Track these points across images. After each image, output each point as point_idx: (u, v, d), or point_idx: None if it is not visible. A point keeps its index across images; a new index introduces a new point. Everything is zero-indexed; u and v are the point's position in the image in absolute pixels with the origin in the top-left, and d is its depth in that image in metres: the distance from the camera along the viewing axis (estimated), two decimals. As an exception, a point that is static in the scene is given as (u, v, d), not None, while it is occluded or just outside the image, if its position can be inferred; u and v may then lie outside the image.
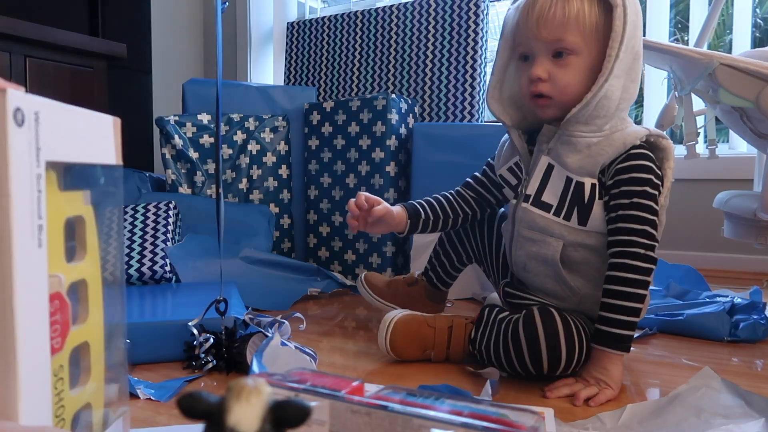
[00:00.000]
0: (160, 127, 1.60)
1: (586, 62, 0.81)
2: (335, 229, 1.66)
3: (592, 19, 0.80)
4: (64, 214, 0.43)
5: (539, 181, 0.86)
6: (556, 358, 0.77)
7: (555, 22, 0.80)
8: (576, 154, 0.82)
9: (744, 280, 1.62)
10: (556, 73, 0.82)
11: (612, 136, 0.82)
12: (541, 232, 0.85)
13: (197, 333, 0.89)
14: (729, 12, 1.86)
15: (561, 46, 0.81)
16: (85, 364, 0.47)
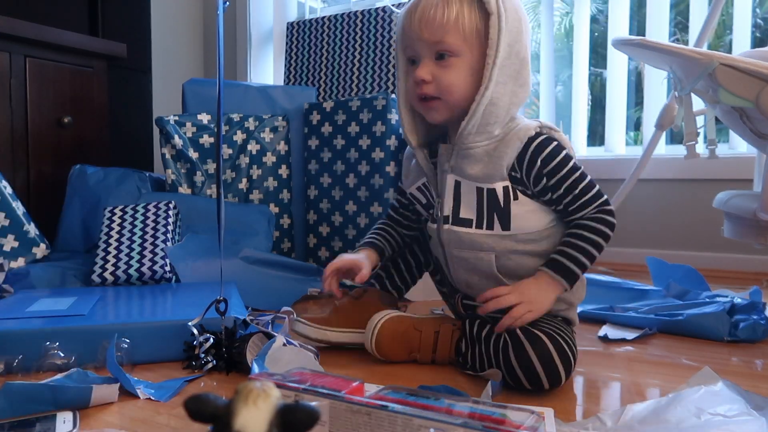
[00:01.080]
0: (160, 127, 1.60)
1: (467, 63, 0.83)
2: (335, 229, 1.66)
3: (472, 23, 0.82)
4: None
5: (452, 199, 0.88)
6: (556, 376, 0.78)
7: (435, 24, 0.82)
8: (477, 164, 0.84)
9: (744, 280, 1.62)
10: (439, 74, 0.84)
11: (506, 138, 0.84)
12: (471, 249, 0.87)
13: (197, 333, 0.88)
14: (729, 12, 1.86)
15: (442, 48, 0.83)
16: None
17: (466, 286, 0.92)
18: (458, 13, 0.82)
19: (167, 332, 0.91)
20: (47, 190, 1.65)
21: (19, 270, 1.30)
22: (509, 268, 0.86)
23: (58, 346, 0.86)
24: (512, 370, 0.78)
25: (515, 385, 0.79)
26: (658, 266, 1.38)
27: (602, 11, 2.14)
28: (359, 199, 1.61)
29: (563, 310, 0.88)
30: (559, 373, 0.77)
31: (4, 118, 1.56)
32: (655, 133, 1.64)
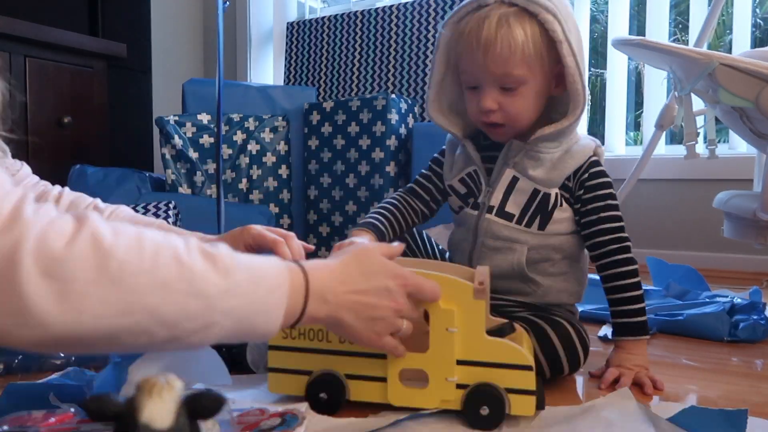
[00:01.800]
0: (160, 127, 1.60)
1: (533, 89, 0.84)
2: (335, 229, 1.66)
3: (536, 49, 0.81)
4: None
5: (503, 192, 0.89)
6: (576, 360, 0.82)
7: (501, 58, 0.81)
8: (541, 167, 0.87)
9: (744, 280, 1.62)
10: (505, 103, 0.84)
11: (571, 149, 0.87)
12: (506, 241, 0.89)
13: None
14: (729, 12, 1.86)
15: (508, 81, 0.83)
16: None
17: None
18: (523, 42, 0.80)
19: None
20: (47, 190, 1.65)
21: (19, 270, 1.30)
22: (534, 259, 0.89)
23: (58, 346, 0.86)
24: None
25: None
26: (658, 266, 1.38)
27: (602, 11, 2.14)
28: (359, 199, 1.61)
29: (570, 305, 0.92)
30: (579, 357, 0.82)
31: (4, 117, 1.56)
32: (655, 133, 1.64)
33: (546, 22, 0.80)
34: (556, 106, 0.89)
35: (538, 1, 0.80)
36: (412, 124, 1.65)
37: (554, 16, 0.80)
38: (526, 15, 0.81)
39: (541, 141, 0.86)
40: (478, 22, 0.81)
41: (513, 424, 0.67)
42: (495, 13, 0.81)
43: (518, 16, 0.81)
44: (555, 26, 0.80)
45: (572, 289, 0.90)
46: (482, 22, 0.81)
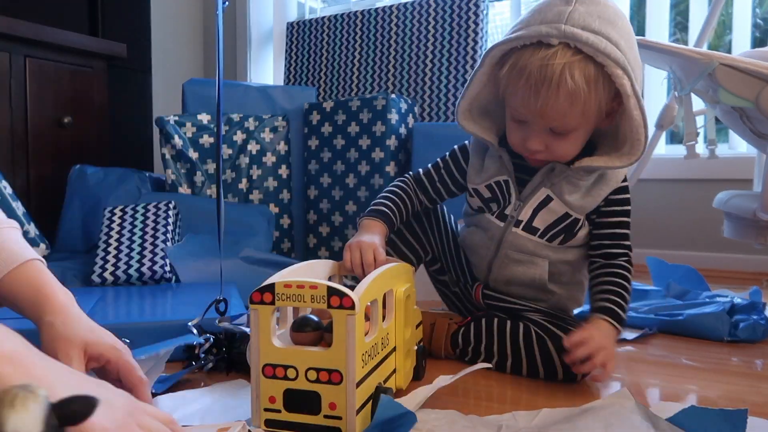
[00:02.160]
0: (160, 127, 1.60)
1: (584, 132, 0.82)
2: (335, 229, 1.66)
3: (597, 101, 0.78)
4: None
5: (533, 208, 0.88)
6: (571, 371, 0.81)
7: (555, 107, 0.77)
8: (577, 193, 0.86)
9: (744, 280, 1.62)
10: (553, 145, 0.82)
11: (606, 174, 0.87)
12: (529, 254, 0.89)
13: (197, 333, 0.88)
14: (729, 12, 1.86)
15: (560, 129, 0.80)
16: None
17: (505, 283, 0.93)
18: (585, 97, 0.76)
19: (167, 332, 0.91)
20: (47, 190, 1.65)
21: (19, 270, 1.30)
22: (552, 272, 0.90)
23: (58, 346, 0.85)
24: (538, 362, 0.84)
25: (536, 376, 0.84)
26: (658, 266, 1.38)
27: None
28: (359, 199, 1.61)
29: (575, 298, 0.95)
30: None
31: (4, 118, 1.56)
32: (655, 133, 1.64)
33: (614, 76, 0.75)
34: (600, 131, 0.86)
35: (607, 52, 0.74)
36: (412, 124, 1.65)
37: (624, 70, 0.75)
38: (591, 63, 0.75)
39: (585, 170, 0.85)
40: (540, 67, 0.75)
41: (513, 424, 0.67)
42: (560, 62, 0.74)
43: (583, 67, 0.75)
44: (624, 81, 0.75)
45: (578, 297, 0.94)
46: (545, 69, 0.75)
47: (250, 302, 0.63)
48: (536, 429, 0.66)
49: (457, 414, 0.70)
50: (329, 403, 0.61)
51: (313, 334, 0.66)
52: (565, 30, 0.74)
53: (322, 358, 0.61)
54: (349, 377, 0.60)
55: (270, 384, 0.63)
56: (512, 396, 0.78)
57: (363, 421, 0.63)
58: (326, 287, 0.61)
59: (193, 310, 0.95)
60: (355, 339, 0.60)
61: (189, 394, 0.77)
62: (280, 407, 0.63)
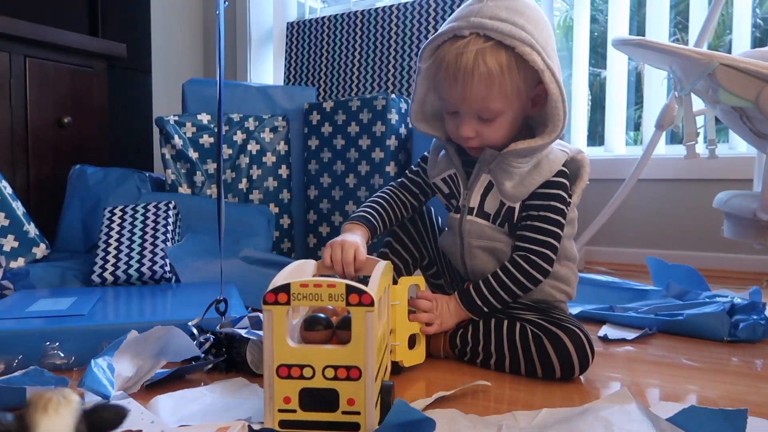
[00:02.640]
0: (160, 127, 1.60)
1: (509, 116, 0.86)
2: (335, 229, 1.66)
3: (514, 82, 0.83)
4: None
5: (480, 194, 0.92)
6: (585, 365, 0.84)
7: (478, 94, 0.82)
8: (511, 180, 0.89)
9: (744, 280, 1.62)
10: (483, 131, 0.87)
11: (541, 163, 0.89)
12: (490, 239, 0.93)
13: (197, 333, 0.89)
14: (729, 12, 1.86)
15: (486, 114, 0.85)
16: None
17: (481, 274, 0.94)
18: (500, 79, 0.81)
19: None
20: (47, 190, 1.65)
21: (19, 270, 1.30)
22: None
23: (58, 346, 0.86)
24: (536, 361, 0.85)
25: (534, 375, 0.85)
26: (658, 266, 1.38)
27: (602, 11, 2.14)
28: (359, 199, 1.61)
29: (562, 302, 0.96)
30: (588, 360, 0.83)
31: (4, 118, 1.56)
32: (655, 133, 1.64)
33: (524, 54, 0.80)
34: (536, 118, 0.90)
35: (513, 34, 0.80)
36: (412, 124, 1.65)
37: (532, 47, 0.80)
38: (503, 48, 0.81)
39: (513, 156, 0.88)
40: (456, 57, 0.82)
41: (513, 424, 0.67)
42: (472, 48, 0.81)
43: (494, 51, 0.81)
44: (534, 57, 0.80)
45: (560, 288, 0.94)
46: (459, 57, 0.81)
47: (264, 303, 0.63)
48: (536, 429, 0.66)
49: (457, 413, 0.70)
50: (347, 399, 0.62)
51: (325, 332, 0.67)
52: (474, 21, 0.81)
53: (341, 355, 0.62)
54: (368, 372, 0.62)
55: (285, 384, 0.63)
56: (512, 396, 0.78)
57: (378, 416, 0.64)
58: (345, 285, 0.62)
59: (193, 310, 0.95)
60: (373, 335, 0.62)
61: (189, 394, 0.77)
62: (296, 407, 0.63)
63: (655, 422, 0.64)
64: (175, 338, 0.80)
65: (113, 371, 0.74)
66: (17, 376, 0.76)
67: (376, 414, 0.63)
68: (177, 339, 0.80)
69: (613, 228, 1.88)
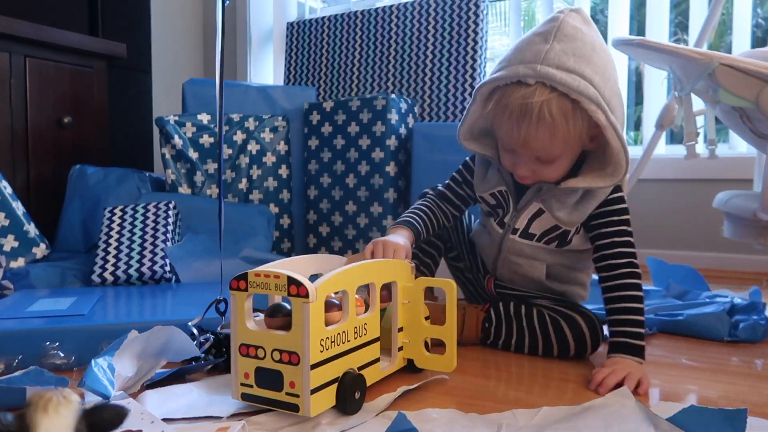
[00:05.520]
0: (160, 127, 1.60)
1: (568, 158, 0.87)
2: (335, 229, 1.66)
3: (576, 132, 0.83)
4: None
5: (528, 219, 0.94)
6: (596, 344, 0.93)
7: (536, 141, 0.83)
8: (565, 209, 0.91)
9: (744, 280, 1.62)
10: (540, 171, 0.88)
11: (593, 191, 0.90)
12: (527, 258, 0.97)
13: (197, 333, 0.88)
14: (729, 12, 1.86)
15: (545, 157, 0.85)
16: None
17: (509, 281, 1.02)
18: (564, 132, 0.81)
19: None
20: (47, 190, 1.65)
21: (19, 270, 1.30)
22: (552, 272, 0.98)
23: (58, 346, 0.86)
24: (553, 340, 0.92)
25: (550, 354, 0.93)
26: (658, 266, 1.38)
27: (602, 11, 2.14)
28: (359, 199, 1.61)
29: (578, 294, 1.01)
30: (599, 340, 0.92)
31: (4, 118, 1.56)
32: (655, 133, 1.64)
33: (590, 111, 0.79)
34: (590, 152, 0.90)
35: (580, 90, 0.79)
36: (412, 124, 1.65)
37: (598, 105, 0.79)
38: (568, 99, 0.80)
39: (571, 191, 0.90)
40: (521, 105, 0.81)
41: (513, 423, 0.67)
42: (538, 99, 0.79)
43: (560, 103, 0.80)
44: (599, 115, 0.79)
45: (581, 293, 1.01)
46: (524, 107, 0.80)
47: (230, 288, 0.72)
48: (536, 428, 0.66)
49: (457, 413, 0.70)
50: (289, 381, 0.67)
51: (282, 319, 0.71)
52: (540, 70, 0.79)
53: (284, 340, 0.67)
54: (304, 359, 0.65)
55: (244, 362, 0.69)
56: (512, 395, 0.78)
57: (321, 401, 0.67)
58: (287, 277, 0.66)
59: (193, 310, 0.95)
60: (311, 325, 0.65)
61: (176, 389, 0.77)
62: (252, 383, 0.69)
63: (655, 422, 0.64)
64: (175, 338, 0.80)
65: (113, 371, 0.74)
66: (17, 376, 0.76)
67: (317, 399, 0.66)
68: (177, 339, 0.80)
69: (613, 228, 1.88)
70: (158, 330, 0.79)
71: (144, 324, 0.91)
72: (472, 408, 0.72)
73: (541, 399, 0.77)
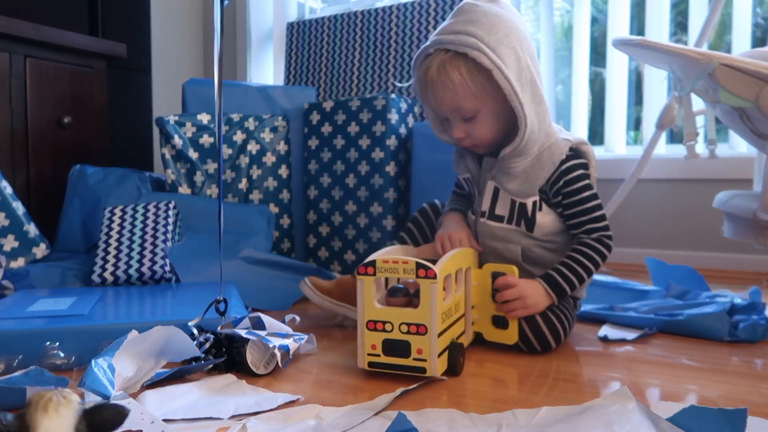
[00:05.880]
0: (160, 127, 1.60)
1: (489, 112, 0.95)
2: (335, 229, 1.66)
3: (476, 83, 0.91)
4: None
5: (490, 199, 1.01)
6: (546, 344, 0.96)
7: (447, 98, 0.93)
8: (514, 180, 0.97)
9: (744, 280, 1.62)
10: (470, 130, 0.96)
11: (541, 157, 0.96)
12: (502, 240, 1.01)
13: (197, 333, 0.89)
14: (729, 12, 1.86)
15: (462, 114, 0.95)
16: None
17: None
18: (460, 81, 0.91)
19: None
20: (47, 190, 1.65)
21: (19, 270, 1.30)
22: (531, 258, 1.01)
23: (58, 346, 0.86)
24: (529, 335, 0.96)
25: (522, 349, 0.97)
26: (658, 266, 1.38)
27: (602, 11, 2.14)
28: (359, 199, 1.61)
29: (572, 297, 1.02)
30: (548, 342, 0.95)
31: (4, 118, 1.56)
32: (655, 133, 1.64)
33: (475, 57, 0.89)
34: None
35: (463, 42, 0.89)
36: (412, 124, 1.65)
37: (479, 50, 0.89)
38: (460, 57, 0.90)
39: (509, 158, 0.96)
40: (424, 71, 0.94)
41: (513, 422, 0.67)
42: (435, 61, 0.92)
43: (453, 60, 0.91)
44: (482, 59, 0.89)
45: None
46: (426, 71, 0.93)
47: (357, 274, 0.83)
48: (536, 427, 0.66)
49: (457, 413, 0.70)
50: (417, 349, 0.81)
51: (403, 298, 0.85)
52: (435, 39, 0.93)
53: (412, 315, 0.81)
54: (432, 330, 0.80)
55: (371, 335, 0.83)
56: (512, 395, 0.78)
57: (442, 364, 0.83)
58: (415, 262, 0.81)
59: (193, 310, 0.95)
60: (436, 301, 0.80)
61: (176, 389, 0.77)
62: (380, 353, 0.83)
63: (655, 422, 0.64)
64: (175, 338, 0.80)
65: (113, 371, 0.74)
66: (17, 376, 0.76)
67: (439, 363, 0.81)
68: (177, 339, 0.80)
69: (613, 228, 1.88)
70: (158, 330, 0.79)
71: (144, 324, 0.91)
72: (472, 408, 0.72)
73: (541, 399, 0.77)
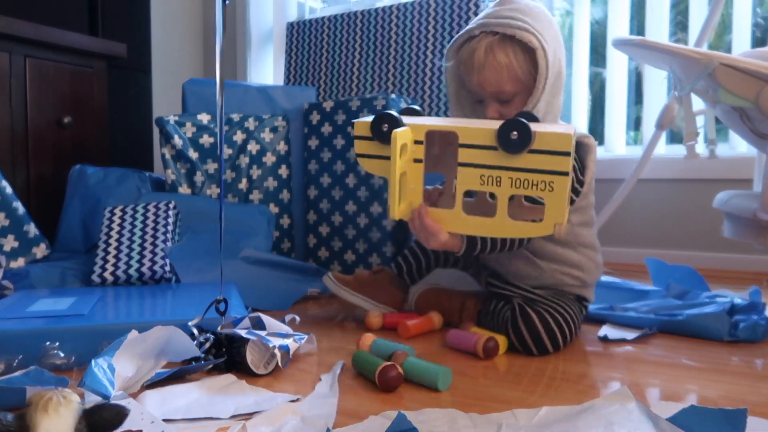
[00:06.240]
0: (159, 127, 1.60)
1: (526, 95, 0.97)
2: (335, 229, 1.66)
3: (523, 67, 0.94)
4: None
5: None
6: (542, 346, 0.97)
7: (492, 81, 0.95)
8: None
9: (744, 280, 1.62)
10: (505, 112, 0.98)
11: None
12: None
13: (197, 333, 0.89)
14: (729, 12, 1.86)
15: (503, 97, 0.97)
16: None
17: (495, 261, 1.09)
18: (507, 65, 0.94)
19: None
20: (47, 190, 1.65)
21: (19, 270, 1.30)
22: (536, 247, 1.02)
23: (58, 346, 0.86)
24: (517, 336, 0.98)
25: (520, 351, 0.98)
26: (658, 266, 1.38)
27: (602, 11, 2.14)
28: (359, 199, 1.61)
29: (576, 287, 1.04)
30: (545, 344, 0.96)
31: (4, 118, 1.56)
32: (655, 133, 1.64)
33: (522, 38, 0.92)
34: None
35: (512, 24, 0.93)
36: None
37: (527, 31, 0.92)
38: (507, 40, 0.93)
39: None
40: (470, 53, 0.96)
41: (513, 423, 0.67)
42: (482, 43, 0.94)
43: (500, 43, 0.94)
44: (530, 37, 0.92)
45: (573, 273, 1.02)
46: (473, 53, 0.95)
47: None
48: (537, 428, 0.66)
49: (457, 413, 0.70)
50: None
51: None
52: (481, 22, 0.96)
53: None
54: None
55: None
56: (512, 395, 0.78)
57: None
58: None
59: (193, 310, 0.95)
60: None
61: (176, 389, 0.77)
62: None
63: (655, 422, 0.64)
64: (175, 338, 0.80)
65: (113, 371, 0.74)
66: (17, 376, 0.76)
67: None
68: (177, 339, 0.80)
69: (613, 228, 1.88)
70: (158, 330, 0.79)
71: (144, 324, 0.91)
72: (472, 408, 0.72)
73: (541, 399, 0.77)
